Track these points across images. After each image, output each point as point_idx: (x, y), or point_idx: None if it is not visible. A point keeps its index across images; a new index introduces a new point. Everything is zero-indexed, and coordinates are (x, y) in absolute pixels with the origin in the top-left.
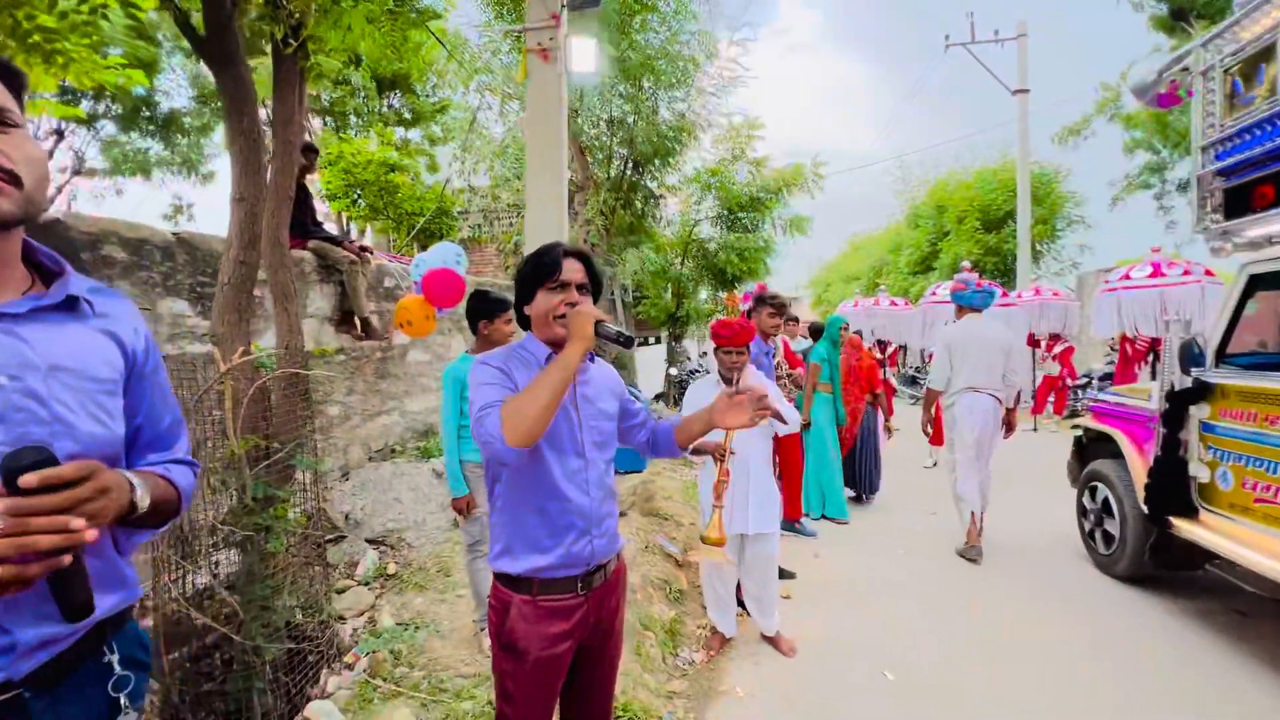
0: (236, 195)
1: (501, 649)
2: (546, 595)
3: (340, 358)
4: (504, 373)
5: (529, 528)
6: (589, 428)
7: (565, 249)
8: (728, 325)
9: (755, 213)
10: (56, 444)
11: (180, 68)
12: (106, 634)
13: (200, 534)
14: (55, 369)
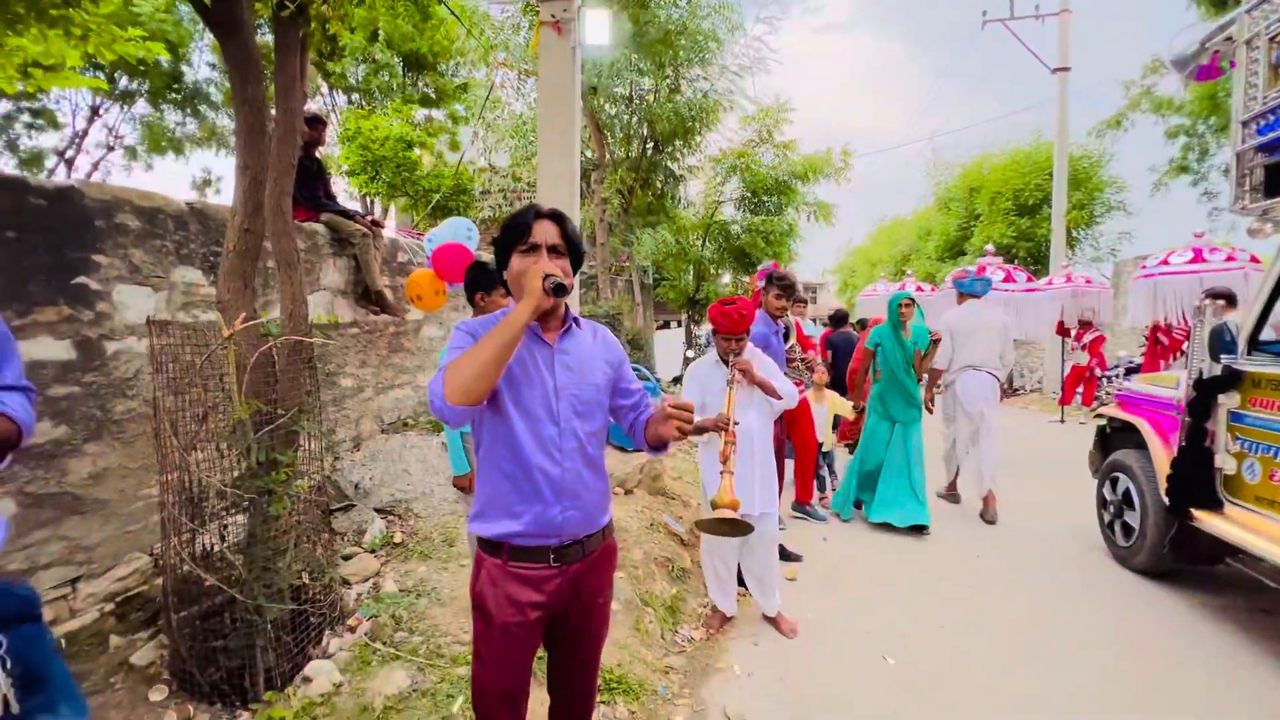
0: (241, 164)
1: (474, 609)
2: (517, 562)
3: (353, 330)
4: (474, 337)
5: (500, 493)
6: (567, 396)
7: (539, 210)
8: (725, 313)
9: (780, 196)
10: None
11: (206, 43)
12: None
13: (209, 497)
14: None
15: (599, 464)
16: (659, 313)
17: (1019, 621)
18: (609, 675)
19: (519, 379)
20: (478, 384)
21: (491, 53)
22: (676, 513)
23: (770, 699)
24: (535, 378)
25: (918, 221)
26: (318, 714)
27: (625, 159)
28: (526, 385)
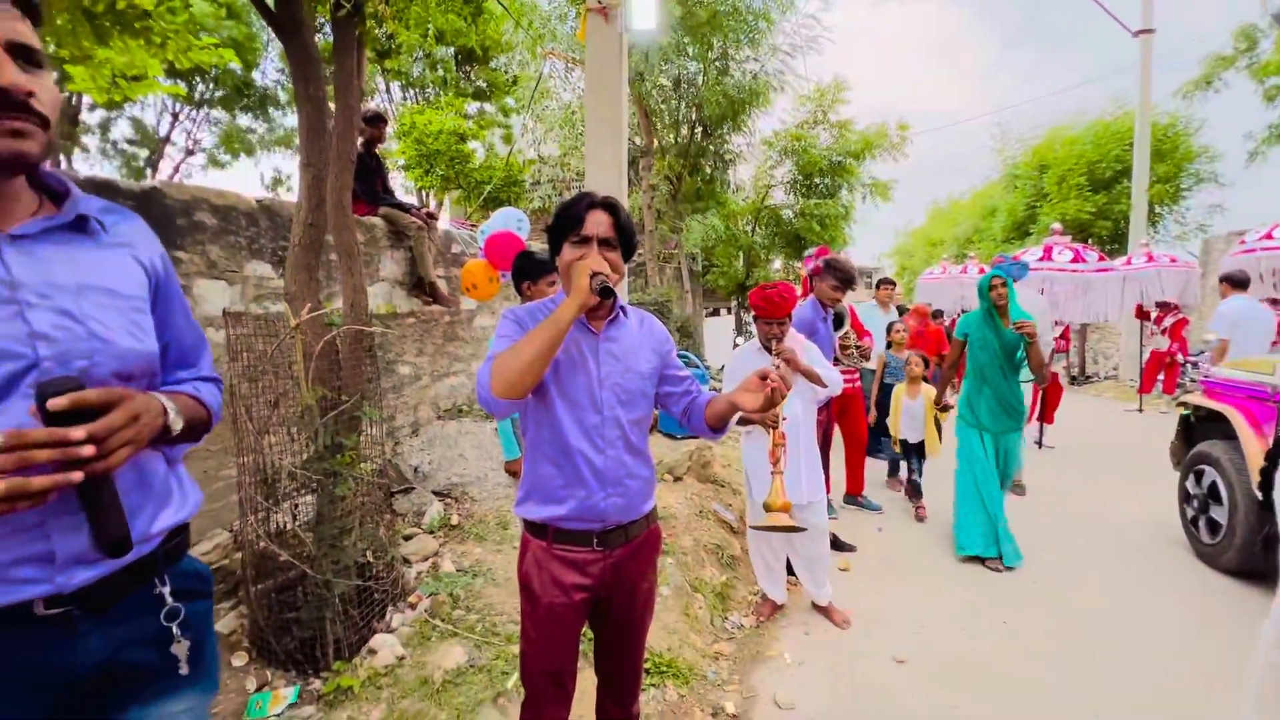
0: (304, 161)
1: (521, 589)
2: (561, 545)
3: (410, 321)
4: (521, 325)
5: (545, 477)
6: (611, 384)
7: (593, 200)
8: (765, 297)
9: (834, 178)
10: (96, 360)
11: (275, 50)
12: (158, 566)
13: (282, 478)
14: (84, 288)
15: (643, 452)
16: (708, 300)
17: (1089, 620)
18: (659, 659)
19: (564, 367)
20: (522, 379)
21: (539, 43)
22: (726, 500)
23: (822, 688)
24: (580, 366)
25: (981, 200)
26: (382, 684)
27: (673, 145)
28: (570, 373)
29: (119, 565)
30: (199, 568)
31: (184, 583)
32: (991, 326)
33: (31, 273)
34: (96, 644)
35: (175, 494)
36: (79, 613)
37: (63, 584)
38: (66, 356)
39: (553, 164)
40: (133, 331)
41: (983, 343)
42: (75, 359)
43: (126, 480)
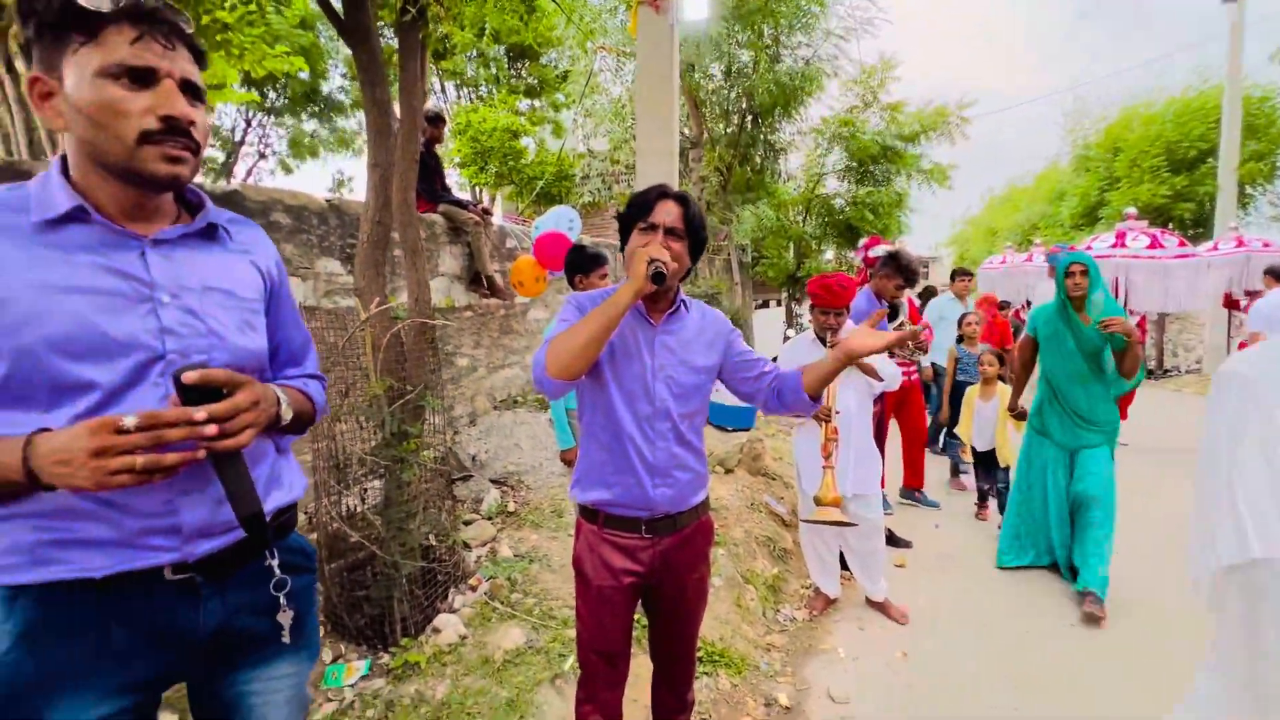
0: (371, 161)
1: (574, 570)
2: (611, 529)
3: (468, 314)
4: (581, 310)
5: (597, 463)
6: (664, 377)
7: (664, 191)
8: (825, 285)
9: (888, 164)
10: (213, 355)
11: (337, 56)
12: (268, 540)
13: (352, 463)
14: (208, 289)
15: (695, 445)
16: (758, 292)
17: (1158, 624)
18: (711, 648)
19: (620, 356)
20: (575, 362)
21: (590, 38)
22: (777, 493)
23: (878, 684)
24: (635, 356)
25: (1047, 184)
26: (446, 661)
27: (723, 135)
28: (625, 362)
29: (237, 538)
30: (304, 544)
31: (291, 557)
32: (1066, 322)
33: (166, 274)
34: (215, 608)
35: (285, 477)
36: (201, 579)
37: (189, 552)
38: (187, 351)
39: (602, 158)
40: (246, 331)
41: (1055, 342)
42: (195, 354)
43: (247, 458)
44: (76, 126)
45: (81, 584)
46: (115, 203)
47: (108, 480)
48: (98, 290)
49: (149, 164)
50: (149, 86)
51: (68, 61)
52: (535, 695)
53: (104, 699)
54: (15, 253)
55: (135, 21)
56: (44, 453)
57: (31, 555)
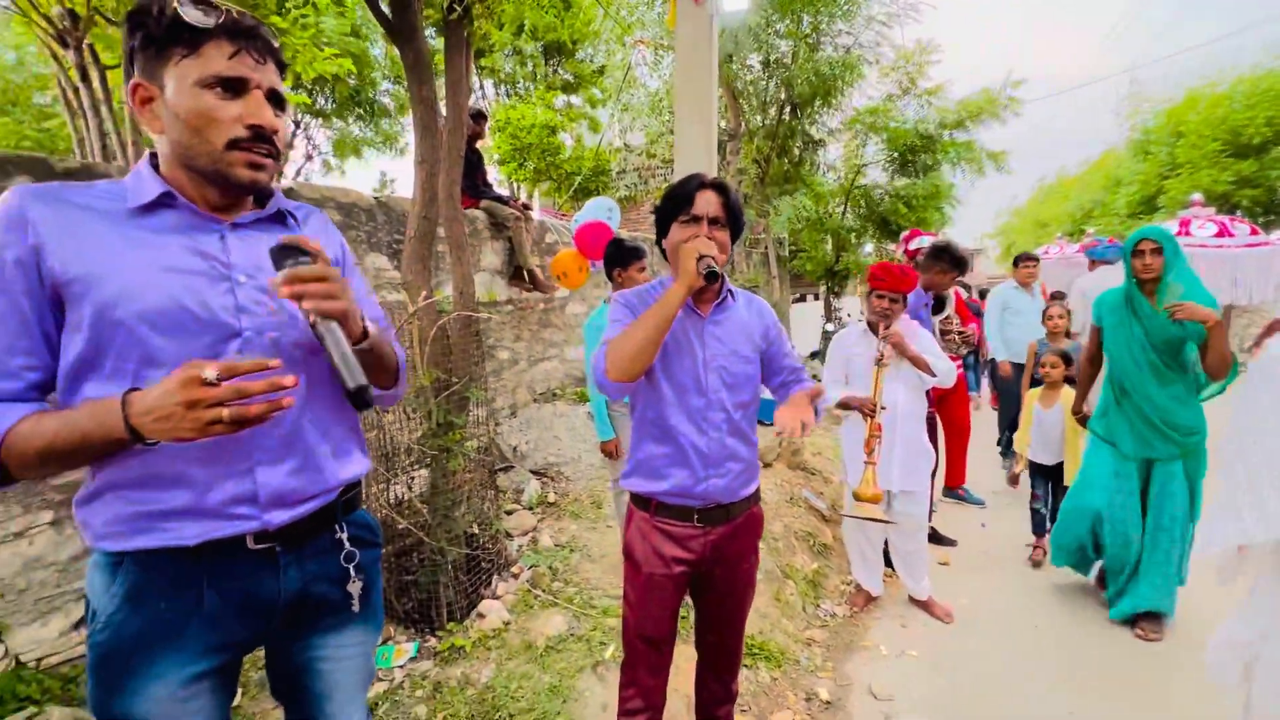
0: (418, 158)
1: (625, 555)
2: (664, 518)
3: (509, 308)
4: (631, 309)
5: (650, 456)
6: (716, 367)
7: (703, 180)
8: (888, 268)
9: (930, 153)
10: (285, 332)
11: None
12: (338, 514)
13: (399, 453)
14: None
15: (747, 434)
16: (795, 285)
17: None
18: (751, 641)
19: (670, 350)
20: (634, 364)
21: (628, 32)
22: (816, 488)
23: (921, 682)
24: (686, 349)
25: (1101, 171)
26: (490, 645)
27: (760, 127)
28: (677, 356)
29: (310, 509)
30: (370, 520)
31: (358, 531)
32: (1133, 310)
33: (243, 256)
34: (293, 576)
35: (354, 453)
36: (280, 548)
37: (268, 521)
38: (261, 328)
39: (638, 152)
40: None
41: (1121, 333)
42: (268, 330)
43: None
44: (173, 130)
45: (177, 551)
46: (201, 198)
47: (208, 430)
48: (183, 269)
49: (234, 169)
50: (240, 96)
51: (169, 71)
52: (577, 681)
53: (196, 658)
54: (113, 235)
55: (233, 37)
56: (140, 410)
57: (132, 525)
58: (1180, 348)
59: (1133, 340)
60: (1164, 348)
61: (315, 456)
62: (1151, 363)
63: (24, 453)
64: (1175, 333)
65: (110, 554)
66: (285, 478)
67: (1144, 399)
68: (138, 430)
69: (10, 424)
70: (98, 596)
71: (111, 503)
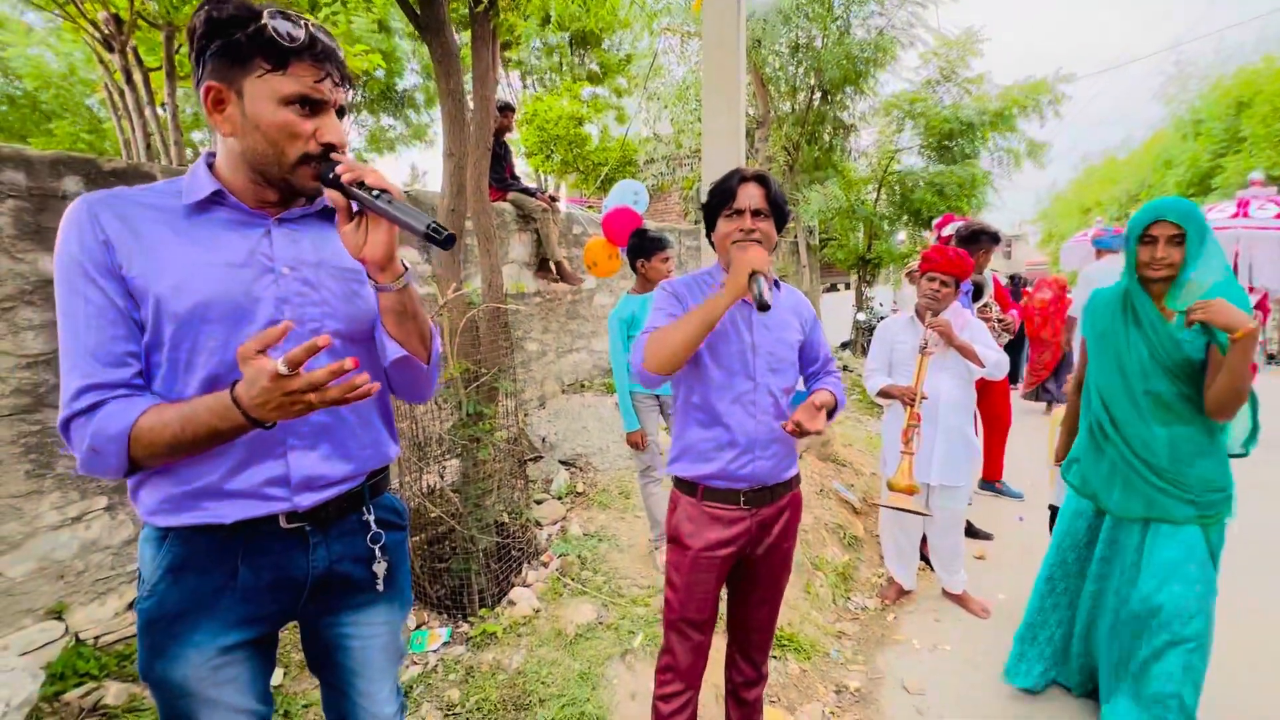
0: (447, 151)
1: (670, 540)
2: (710, 502)
3: (537, 300)
4: (678, 299)
5: (696, 440)
6: (764, 353)
7: (744, 174)
8: (943, 251)
9: (969, 141)
10: (324, 322)
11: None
12: (365, 497)
13: (431, 442)
14: (321, 263)
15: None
16: (825, 275)
17: (1260, 630)
18: (780, 633)
19: (718, 337)
20: (673, 359)
21: (654, 20)
22: (847, 480)
23: (955, 677)
24: (734, 335)
25: (1150, 153)
26: (521, 632)
27: (789, 114)
28: (724, 342)
29: (338, 493)
30: (396, 504)
31: (385, 514)
32: (1132, 319)
33: (286, 250)
34: (321, 554)
35: (385, 440)
36: (310, 528)
37: (298, 503)
38: (302, 318)
39: (666, 141)
40: (353, 299)
41: (1112, 347)
42: (309, 320)
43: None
44: (248, 137)
45: (216, 529)
46: (256, 197)
47: (309, 408)
48: (232, 263)
49: (302, 180)
50: (316, 114)
51: (250, 82)
52: (606, 669)
53: (230, 629)
54: (168, 232)
55: (318, 60)
56: (253, 403)
57: (178, 504)
58: (1199, 372)
59: (1128, 358)
60: (1176, 371)
61: (347, 444)
62: (1153, 393)
63: (153, 443)
64: (1191, 351)
65: (159, 529)
66: (316, 463)
67: (1139, 438)
68: (258, 420)
69: (135, 416)
70: (146, 566)
71: (161, 484)
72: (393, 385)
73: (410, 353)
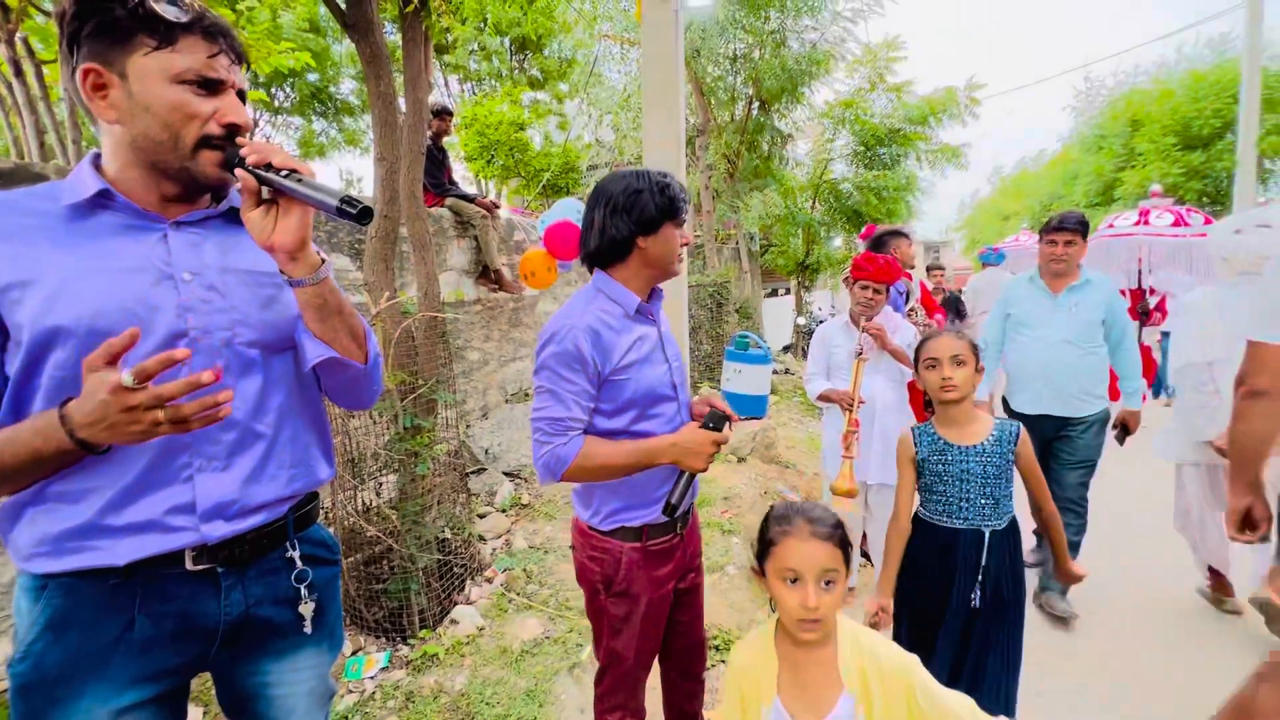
0: (378, 156)
1: (615, 596)
2: (654, 540)
3: (478, 308)
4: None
5: (640, 484)
6: (677, 368)
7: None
8: (872, 259)
9: (896, 146)
10: (237, 330)
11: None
12: (290, 531)
13: (366, 458)
14: (228, 269)
15: None
16: (767, 280)
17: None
18: (727, 636)
19: (647, 370)
20: (594, 481)
21: (594, 25)
22: (791, 481)
23: None
24: (657, 361)
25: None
26: (464, 652)
27: (729, 122)
28: (652, 369)
29: (253, 524)
30: (326, 537)
31: (312, 549)
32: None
33: (186, 255)
34: (236, 598)
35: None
36: (222, 570)
37: (207, 534)
38: (210, 327)
39: (609, 148)
40: (271, 305)
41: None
42: (217, 329)
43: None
44: (137, 122)
45: (106, 572)
46: (151, 194)
47: (153, 431)
48: (122, 270)
49: (204, 168)
50: (215, 95)
51: (134, 61)
52: (553, 685)
53: (126, 688)
54: (43, 238)
55: (210, 37)
56: (84, 421)
57: (57, 545)
58: None
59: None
60: None
61: (267, 465)
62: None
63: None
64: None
65: (37, 577)
66: (229, 487)
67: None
68: (86, 441)
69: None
70: (21, 622)
71: (38, 519)
72: (328, 392)
73: (340, 353)
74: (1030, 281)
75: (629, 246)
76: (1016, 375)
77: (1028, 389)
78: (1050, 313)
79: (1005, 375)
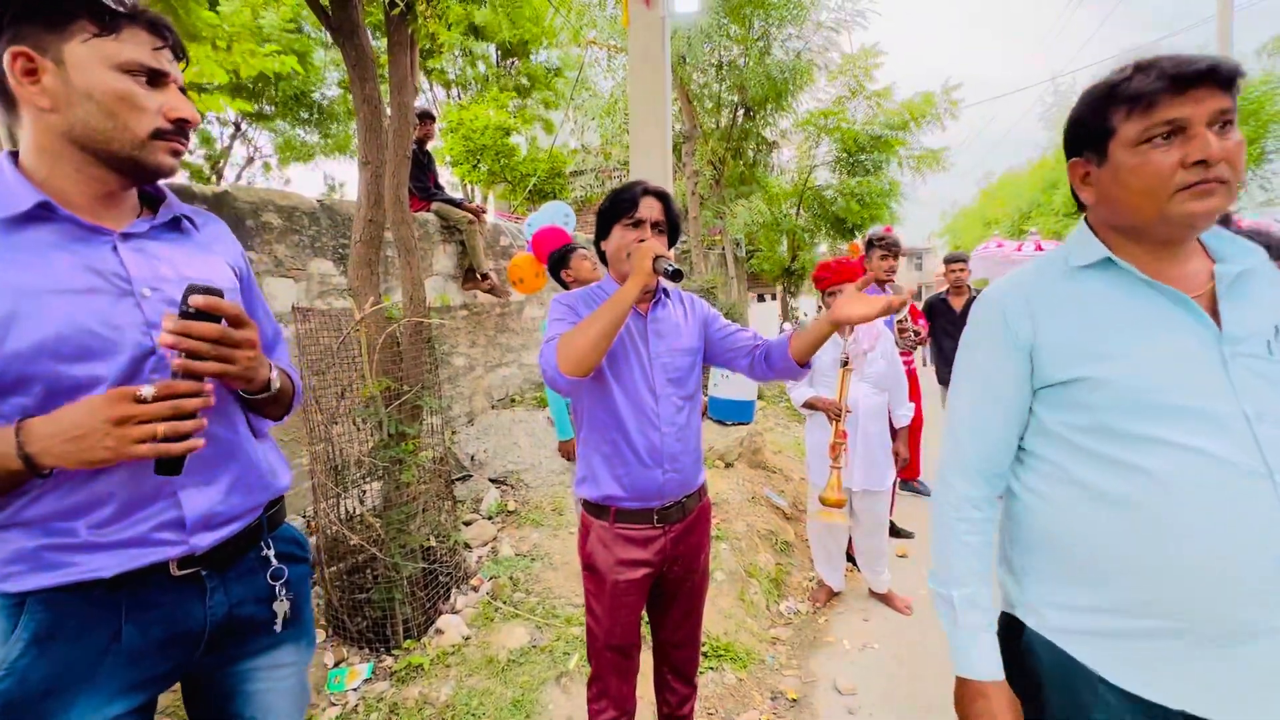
0: (362, 159)
1: (584, 568)
2: (623, 524)
3: (464, 313)
4: (572, 309)
5: (603, 458)
6: (660, 364)
7: (646, 187)
8: (827, 266)
9: (878, 153)
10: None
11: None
12: (263, 531)
13: (350, 465)
14: (185, 280)
15: (694, 426)
16: (753, 286)
17: None
18: (716, 642)
19: (616, 352)
20: (588, 357)
21: (581, 32)
22: (778, 486)
23: (883, 674)
24: (630, 348)
25: (1040, 174)
26: (450, 662)
27: (715, 129)
28: (623, 357)
29: (236, 530)
30: (297, 535)
31: (285, 547)
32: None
33: (142, 268)
34: (220, 600)
35: (280, 467)
36: (206, 572)
37: (195, 544)
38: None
39: (595, 153)
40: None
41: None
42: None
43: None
44: (77, 110)
45: (91, 585)
46: (85, 193)
47: (130, 450)
48: (78, 289)
49: (157, 156)
50: (160, 88)
51: (71, 47)
52: (540, 694)
53: (114, 699)
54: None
55: (155, 30)
56: (47, 433)
57: (36, 561)
58: None
59: None
60: None
61: (248, 475)
62: None
63: None
64: None
65: (11, 596)
66: (214, 499)
67: None
68: (33, 459)
69: None
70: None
71: (15, 538)
72: None
73: (266, 415)
74: None
75: (600, 252)
76: None
77: None
78: None
79: None
